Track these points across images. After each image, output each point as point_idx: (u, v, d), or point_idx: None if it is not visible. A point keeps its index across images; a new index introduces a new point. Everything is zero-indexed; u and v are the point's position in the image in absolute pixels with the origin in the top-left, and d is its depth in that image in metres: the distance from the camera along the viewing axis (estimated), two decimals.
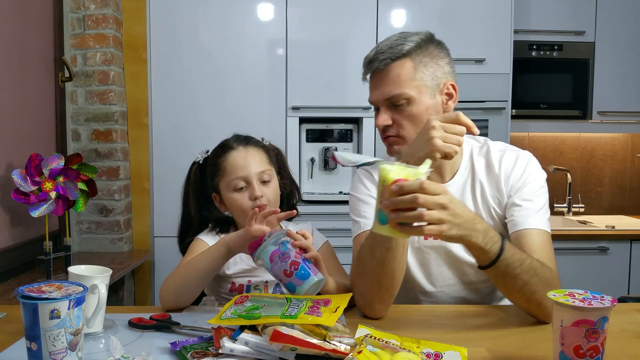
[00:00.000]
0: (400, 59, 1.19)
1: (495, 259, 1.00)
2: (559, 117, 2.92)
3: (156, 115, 2.60)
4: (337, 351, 0.84)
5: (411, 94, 1.18)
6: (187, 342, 0.94)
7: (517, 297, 1.08)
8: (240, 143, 1.37)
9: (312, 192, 2.66)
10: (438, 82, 1.21)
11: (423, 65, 1.19)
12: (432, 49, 1.21)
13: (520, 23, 2.77)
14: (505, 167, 1.24)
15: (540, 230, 1.17)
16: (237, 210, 1.34)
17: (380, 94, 1.21)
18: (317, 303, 0.95)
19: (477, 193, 1.26)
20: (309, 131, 2.69)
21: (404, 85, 1.18)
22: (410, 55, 1.19)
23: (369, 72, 1.24)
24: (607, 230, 2.68)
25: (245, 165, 1.33)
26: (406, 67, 1.19)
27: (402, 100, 1.19)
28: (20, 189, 1.81)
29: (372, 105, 1.27)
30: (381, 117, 1.22)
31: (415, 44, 1.19)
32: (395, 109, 1.21)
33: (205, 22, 2.57)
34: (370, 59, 1.22)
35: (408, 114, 1.19)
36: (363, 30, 2.59)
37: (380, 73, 1.21)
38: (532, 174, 1.24)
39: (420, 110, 1.19)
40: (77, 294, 0.83)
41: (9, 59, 2.00)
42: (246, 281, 1.36)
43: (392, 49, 1.19)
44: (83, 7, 2.49)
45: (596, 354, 0.81)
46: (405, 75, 1.18)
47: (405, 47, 1.19)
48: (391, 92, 1.19)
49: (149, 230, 2.66)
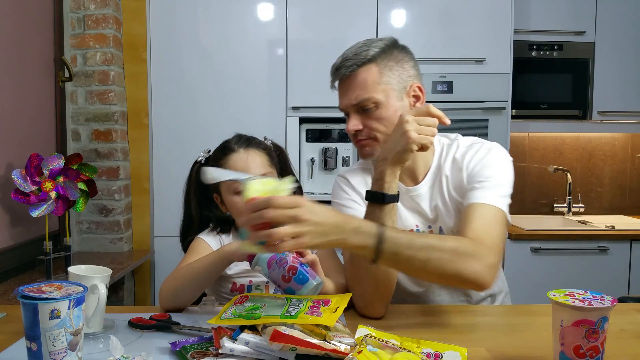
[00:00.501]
0: (365, 65, 1.22)
1: (377, 251, 0.97)
2: (559, 117, 2.92)
3: (156, 115, 2.60)
4: (337, 351, 0.84)
5: (379, 98, 1.21)
6: (187, 342, 0.94)
7: (427, 277, 1.06)
8: (242, 145, 1.37)
9: (312, 192, 2.66)
10: (404, 84, 1.23)
11: (388, 69, 1.22)
12: (396, 54, 1.24)
13: (520, 23, 2.77)
14: (467, 160, 1.24)
15: (485, 204, 1.14)
16: (237, 213, 1.34)
17: (348, 100, 1.24)
18: (317, 303, 0.95)
19: (444, 190, 1.26)
20: (309, 131, 2.69)
21: (371, 89, 1.21)
22: (375, 60, 1.22)
23: (337, 79, 1.26)
24: (607, 230, 2.68)
25: (245, 168, 1.32)
26: (372, 71, 1.21)
27: (371, 104, 1.21)
28: (20, 189, 1.81)
29: (342, 111, 1.29)
30: (351, 123, 1.24)
31: (380, 49, 1.22)
32: (364, 114, 1.23)
33: (205, 22, 2.57)
34: (337, 67, 1.25)
35: (377, 117, 1.22)
36: (363, 30, 2.59)
37: (347, 79, 1.24)
38: (490, 158, 1.22)
39: (389, 113, 1.21)
40: (77, 294, 0.83)
41: (9, 59, 2.00)
42: (247, 281, 1.36)
43: (357, 55, 1.22)
44: (83, 7, 2.49)
45: (596, 354, 0.81)
46: (372, 80, 1.21)
47: (370, 52, 1.21)
48: (359, 97, 1.21)
49: (149, 230, 2.66)
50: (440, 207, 1.27)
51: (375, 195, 1.13)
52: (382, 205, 1.11)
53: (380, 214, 1.11)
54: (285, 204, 0.89)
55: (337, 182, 1.39)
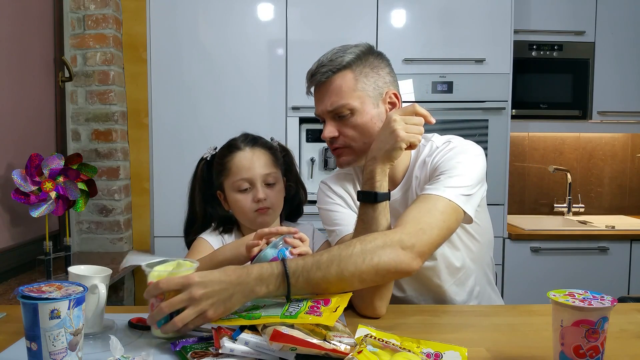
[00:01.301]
0: (341, 71, 1.21)
1: (288, 286, 0.95)
2: (559, 117, 2.92)
3: (156, 115, 2.60)
4: (337, 351, 0.84)
5: (354, 105, 1.20)
6: (187, 342, 0.94)
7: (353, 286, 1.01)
8: (248, 144, 1.38)
9: (312, 192, 2.65)
10: (380, 91, 1.23)
11: (364, 75, 1.21)
12: (372, 60, 1.23)
13: (520, 23, 2.77)
14: (433, 157, 1.22)
15: (432, 195, 1.10)
16: (239, 211, 1.35)
17: (323, 106, 1.23)
18: (317, 303, 0.95)
19: (413, 191, 1.25)
20: (309, 131, 2.69)
21: (346, 96, 1.20)
22: (350, 66, 1.21)
23: (312, 85, 1.26)
24: (607, 230, 2.68)
25: (250, 167, 1.34)
26: (347, 78, 1.21)
27: (346, 111, 1.21)
28: (20, 189, 1.81)
29: (318, 118, 1.29)
30: (327, 129, 1.24)
31: (355, 56, 1.21)
32: (340, 120, 1.23)
33: (205, 22, 2.57)
34: (312, 73, 1.24)
35: (353, 124, 1.21)
36: (363, 30, 2.59)
37: (322, 86, 1.23)
38: (453, 154, 1.19)
39: (364, 120, 1.21)
40: (77, 294, 0.83)
41: (9, 59, 2.00)
42: None
43: (332, 62, 1.21)
44: (83, 7, 2.50)
45: (596, 354, 0.81)
46: (347, 87, 1.20)
47: (345, 58, 1.21)
48: (334, 103, 1.21)
49: (149, 230, 2.66)
50: None
51: (367, 195, 1.13)
52: (375, 204, 1.11)
53: (373, 213, 1.11)
54: (166, 287, 0.91)
55: (320, 189, 1.40)
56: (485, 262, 1.37)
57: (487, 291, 1.37)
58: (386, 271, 1.01)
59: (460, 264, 1.28)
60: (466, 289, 1.31)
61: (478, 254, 1.32)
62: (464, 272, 1.30)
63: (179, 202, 1.52)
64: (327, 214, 1.33)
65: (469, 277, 1.31)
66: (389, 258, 1.00)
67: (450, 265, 1.27)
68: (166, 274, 0.97)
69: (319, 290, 0.99)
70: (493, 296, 1.39)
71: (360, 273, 0.99)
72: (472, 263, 1.30)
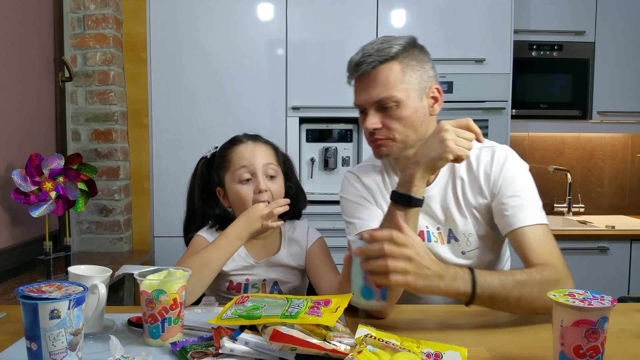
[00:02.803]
0: (388, 62, 1.20)
1: (472, 296, 1.01)
2: (559, 117, 2.92)
3: (156, 115, 2.60)
4: (337, 351, 0.84)
5: (400, 97, 1.19)
6: (187, 342, 0.94)
7: (519, 311, 1.08)
8: (250, 138, 1.40)
9: (312, 192, 2.66)
10: (424, 85, 1.22)
11: (410, 68, 1.21)
12: (416, 53, 1.23)
13: (520, 23, 2.77)
14: (483, 165, 1.24)
15: (533, 226, 1.17)
16: (239, 202, 1.34)
17: (369, 97, 1.21)
18: (317, 303, 0.95)
19: (459, 193, 1.26)
20: (309, 131, 2.69)
21: (393, 88, 1.19)
22: (397, 58, 1.20)
23: (356, 74, 1.24)
24: (607, 230, 2.68)
25: (251, 157, 1.34)
26: (394, 69, 1.19)
27: (392, 102, 1.19)
28: (20, 189, 1.81)
29: (359, 107, 1.27)
30: (370, 120, 1.22)
31: (402, 47, 1.20)
32: (383, 112, 1.21)
33: (205, 22, 2.57)
34: (356, 62, 1.22)
35: (398, 116, 1.20)
36: (363, 30, 2.59)
37: (367, 76, 1.21)
38: (512, 168, 1.23)
39: (408, 113, 1.20)
40: (77, 294, 0.83)
41: (9, 59, 2.00)
42: (244, 279, 1.36)
43: (379, 52, 1.19)
44: (83, 7, 2.49)
45: (596, 354, 0.81)
46: (394, 78, 1.19)
47: (393, 49, 1.19)
48: (380, 94, 1.19)
49: (149, 230, 2.66)
50: (452, 209, 1.27)
51: (401, 197, 1.12)
52: (407, 208, 1.11)
53: (404, 217, 1.09)
54: (404, 242, 0.95)
55: (347, 178, 1.38)
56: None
57: None
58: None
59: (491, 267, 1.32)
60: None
61: (500, 263, 1.36)
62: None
63: (179, 202, 1.53)
64: (350, 205, 1.33)
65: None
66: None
67: (480, 266, 1.31)
68: (157, 283, 0.97)
69: (493, 306, 1.06)
70: None
71: (534, 304, 1.06)
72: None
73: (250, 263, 1.36)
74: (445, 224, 1.28)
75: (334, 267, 1.37)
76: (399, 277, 0.94)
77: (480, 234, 1.28)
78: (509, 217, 1.18)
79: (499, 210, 1.21)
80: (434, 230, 1.29)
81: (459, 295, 1.01)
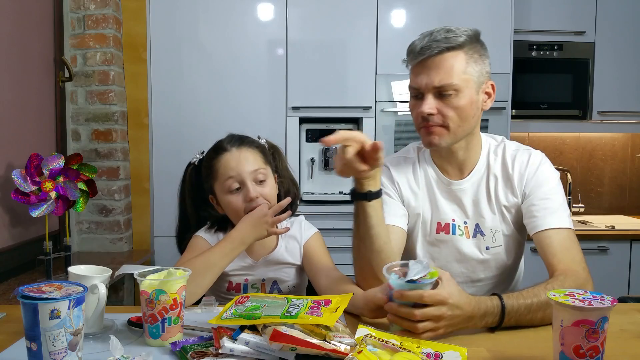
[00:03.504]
0: (455, 50, 1.20)
1: (499, 324, 1.03)
2: (559, 117, 2.92)
3: (156, 115, 2.60)
4: (337, 351, 0.84)
5: (460, 86, 1.20)
6: (187, 342, 0.94)
7: (540, 325, 1.09)
8: (234, 144, 1.35)
9: (312, 192, 2.66)
10: (482, 79, 1.24)
11: (473, 60, 1.22)
12: (479, 47, 1.24)
13: (520, 23, 2.77)
14: (518, 166, 1.28)
15: (559, 229, 1.19)
16: (232, 212, 1.33)
17: (430, 81, 1.20)
18: (317, 303, 0.95)
19: (491, 190, 1.29)
20: (309, 131, 2.69)
21: (455, 76, 1.19)
22: (463, 48, 1.20)
23: (420, 58, 1.21)
24: (607, 230, 2.68)
25: (237, 166, 1.31)
26: (459, 58, 1.20)
27: (451, 90, 1.19)
28: (20, 189, 1.81)
29: (415, 91, 1.24)
30: (427, 104, 1.20)
31: (468, 38, 1.21)
32: (440, 99, 1.21)
33: (205, 22, 2.57)
34: (422, 46, 1.20)
35: (454, 105, 1.20)
36: (363, 30, 2.59)
37: (432, 61, 1.20)
38: (545, 172, 1.27)
39: (464, 103, 1.21)
40: (77, 294, 0.83)
41: (9, 59, 2.00)
42: (243, 280, 1.35)
43: (448, 39, 1.19)
44: (83, 7, 2.49)
45: (596, 354, 0.81)
46: (458, 67, 1.20)
47: (460, 39, 1.20)
48: (443, 80, 1.19)
49: (149, 230, 2.66)
50: (482, 204, 1.29)
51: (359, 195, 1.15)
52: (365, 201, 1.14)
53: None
54: (434, 301, 0.95)
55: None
56: (518, 275, 1.43)
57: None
58: None
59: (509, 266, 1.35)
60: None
61: (515, 271, 1.39)
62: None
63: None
64: None
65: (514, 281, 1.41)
66: None
67: (499, 264, 1.33)
68: (157, 283, 0.97)
69: (520, 324, 1.06)
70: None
71: (549, 318, 1.05)
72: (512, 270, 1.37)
73: (249, 263, 1.35)
74: (473, 218, 1.30)
75: (331, 262, 1.37)
76: (430, 334, 0.96)
77: (506, 233, 1.30)
78: (538, 218, 1.22)
79: (529, 211, 1.24)
80: (460, 224, 1.31)
81: (487, 325, 1.03)
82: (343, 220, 2.38)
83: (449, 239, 1.31)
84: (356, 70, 2.61)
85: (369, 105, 2.61)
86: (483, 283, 1.34)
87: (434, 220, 1.32)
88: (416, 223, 1.33)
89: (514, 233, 1.31)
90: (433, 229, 1.32)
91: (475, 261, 1.31)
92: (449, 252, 1.32)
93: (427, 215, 1.33)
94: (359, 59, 2.61)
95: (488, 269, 1.32)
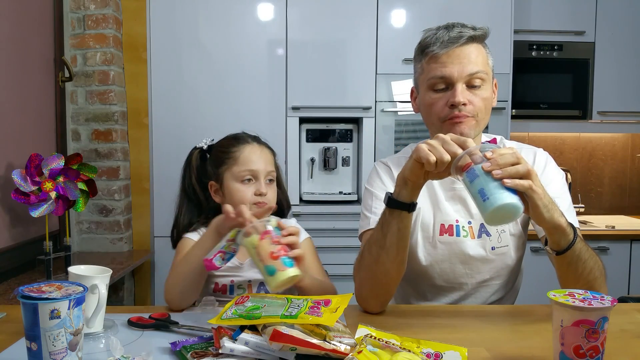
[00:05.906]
0: (479, 42, 1.22)
1: (572, 242, 1.03)
2: (559, 117, 2.92)
3: (156, 115, 2.60)
4: (337, 351, 0.84)
5: (487, 77, 1.21)
6: (187, 342, 0.94)
7: (580, 285, 1.06)
8: (254, 139, 1.39)
9: (312, 192, 2.66)
10: (493, 75, 1.26)
11: (490, 55, 1.25)
12: (487, 46, 1.26)
13: (520, 23, 2.77)
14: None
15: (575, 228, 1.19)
16: (237, 200, 1.32)
17: (462, 70, 1.19)
18: (317, 303, 0.94)
19: None
20: (309, 131, 2.69)
21: (483, 66, 1.21)
22: (482, 41, 1.23)
23: (450, 47, 1.19)
24: (607, 230, 2.68)
25: (257, 160, 1.34)
26: (482, 50, 1.23)
27: (479, 80, 1.20)
28: (20, 189, 1.81)
29: (440, 82, 1.21)
30: (460, 93, 1.18)
31: (484, 34, 1.23)
32: (469, 89, 1.21)
33: (205, 22, 2.57)
34: (453, 36, 1.19)
35: (482, 95, 1.21)
36: (363, 30, 2.59)
37: (461, 50, 1.19)
38: (553, 170, 1.27)
39: (489, 95, 1.23)
40: (77, 294, 0.82)
41: (9, 59, 2.00)
42: (229, 281, 1.35)
43: (474, 30, 1.20)
44: (83, 7, 2.49)
45: (596, 354, 0.80)
46: (483, 58, 1.22)
47: (478, 32, 1.21)
48: (474, 68, 1.19)
49: (149, 230, 2.66)
50: None
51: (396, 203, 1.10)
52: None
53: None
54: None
55: (375, 168, 1.37)
56: (520, 276, 1.42)
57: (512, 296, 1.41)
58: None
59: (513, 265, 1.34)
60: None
61: (519, 273, 1.39)
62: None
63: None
64: (370, 198, 1.31)
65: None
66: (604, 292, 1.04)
67: (505, 264, 1.32)
68: (274, 221, 1.06)
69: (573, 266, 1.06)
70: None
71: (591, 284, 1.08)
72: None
73: (235, 264, 1.35)
74: (478, 218, 1.28)
75: (321, 268, 1.36)
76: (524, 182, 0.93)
77: (513, 232, 1.29)
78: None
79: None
80: (464, 224, 1.28)
81: (564, 236, 1.02)
82: (343, 220, 2.40)
83: (453, 240, 1.28)
84: (356, 70, 2.61)
85: (369, 105, 2.61)
86: (487, 284, 1.31)
87: (437, 222, 1.29)
88: (416, 223, 1.32)
89: (520, 232, 1.29)
90: (436, 231, 1.29)
91: (480, 262, 1.28)
92: (453, 253, 1.28)
93: (429, 217, 1.30)
94: (359, 59, 2.61)
95: (493, 269, 1.30)
